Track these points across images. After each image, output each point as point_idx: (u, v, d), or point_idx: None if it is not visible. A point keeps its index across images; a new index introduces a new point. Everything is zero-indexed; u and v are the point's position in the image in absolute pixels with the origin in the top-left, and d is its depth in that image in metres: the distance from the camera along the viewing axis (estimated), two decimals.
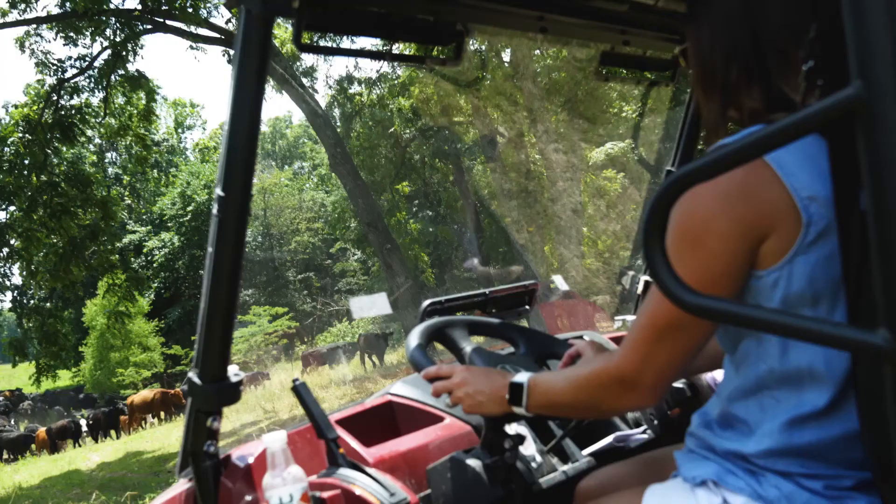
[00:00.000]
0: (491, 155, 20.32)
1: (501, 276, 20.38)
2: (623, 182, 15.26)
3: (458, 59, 1.80)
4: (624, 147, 15.68)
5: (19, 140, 17.61)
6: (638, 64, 2.43)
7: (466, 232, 21.39)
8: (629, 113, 16.46)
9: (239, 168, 1.57)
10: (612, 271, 14.34)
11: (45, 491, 15.27)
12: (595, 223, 15.28)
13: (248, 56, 1.51)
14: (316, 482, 1.73)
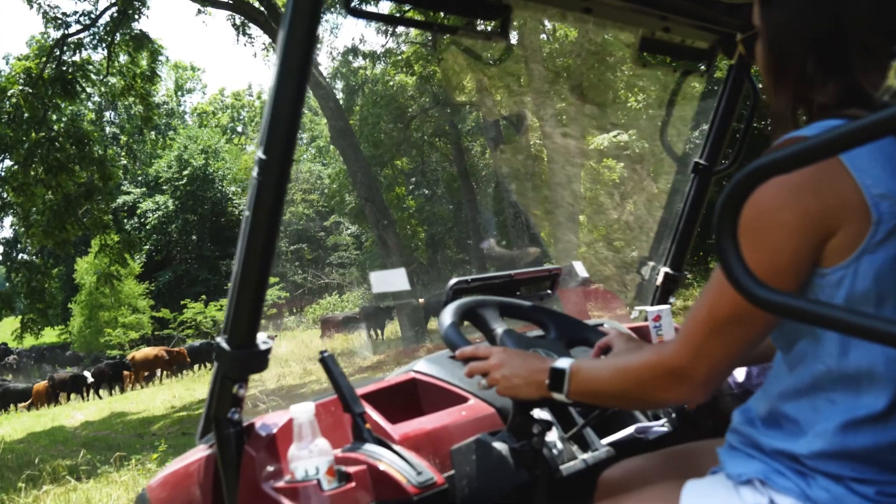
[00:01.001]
0: (498, 137, 20.25)
1: (517, 259, 20.35)
2: (637, 171, 15.23)
3: (503, 34, 1.78)
4: (639, 135, 15.64)
5: (20, 93, 17.47)
6: (675, 52, 2.41)
7: (484, 213, 21.35)
8: (644, 101, 16.43)
9: (282, 131, 1.54)
10: (621, 259, 14.32)
11: (28, 446, 15.25)
12: (607, 212, 15.26)
13: (300, 16, 1.47)
14: (341, 456, 1.70)
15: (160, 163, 53.14)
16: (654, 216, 13.69)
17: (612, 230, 14.74)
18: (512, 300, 2.07)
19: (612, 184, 15.15)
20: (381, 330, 25.94)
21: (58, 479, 8.55)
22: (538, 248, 19.35)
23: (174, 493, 1.91)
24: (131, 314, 43.30)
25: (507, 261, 31.49)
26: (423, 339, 18.37)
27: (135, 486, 7.75)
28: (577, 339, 2.00)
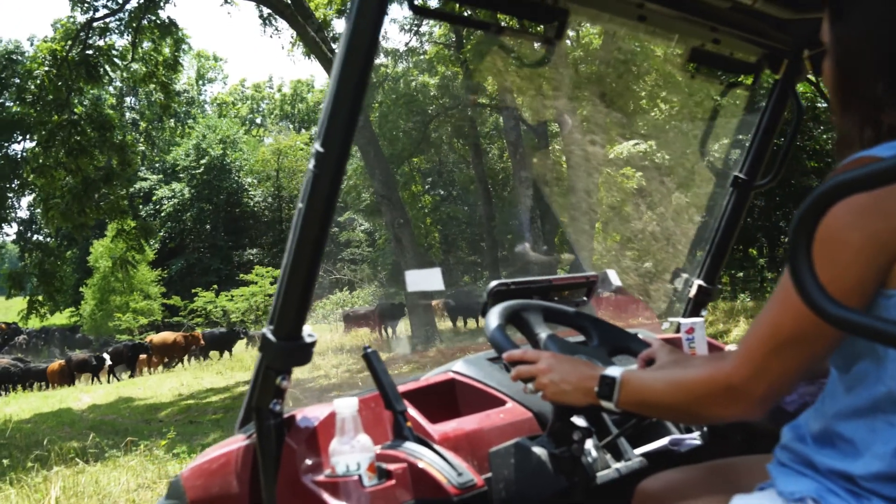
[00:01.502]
0: (518, 141, 20.22)
1: (550, 264, 20.32)
2: (664, 182, 15.18)
3: (558, 37, 1.79)
4: (667, 145, 15.60)
5: (45, 74, 17.56)
6: (723, 64, 2.41)
7: (521, 216, 21.33)
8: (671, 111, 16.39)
9: (341, 126, 1.54)
10: (646, 269, 14.27)
11: (35, 426, 15.31)
12: (633, 221, 15.23)
13: (366, 11, 1.48)
14: (382, 453, 1.70)
15: (178, 150, 53.32)
16: (681, 227, 13.68)
17: (638, 240, 14.71)
18: (556, 305, 2.06)
19: (636, 193, 15.13)
20: (395, 327, 25.83)
21: (65, 460, 8.58)
22: (556, 254, 19.35)
23: (210, 481, 1.91)
24: (143, 300, 43.43)
25: (520, 266, 31.48)
26: (433, 339, 18.38)
27: (143, 472, 7.76)
28: (619, 347, 1.99)
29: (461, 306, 25.23)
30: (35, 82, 17.82)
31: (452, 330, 24.53)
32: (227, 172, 51.60)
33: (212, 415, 13.83)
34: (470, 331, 24.28)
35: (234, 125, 56.77)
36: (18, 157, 18.66)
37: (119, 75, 21.82)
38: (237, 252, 50.07)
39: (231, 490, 1.83)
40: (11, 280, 18.60)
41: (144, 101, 51.49)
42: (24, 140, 19.04)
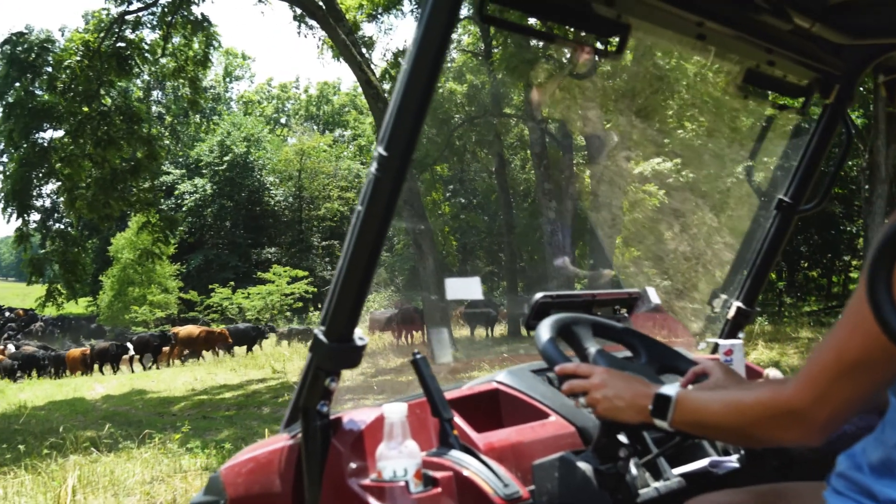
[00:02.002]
0: (543, 153, 20.21)
1: (570, 278, 20.25)
2: (699, 202, 15.12)
3: (619, 52, 1.80)
4: (702, 164, 15.54)
5: (76, 64, 17.69)
6: (775, 86, 2.40)
7: (542, 228, 21.32)
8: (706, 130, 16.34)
9: (406, 130, 1.54)
10: (674, 289, 14.19)
11: (49, 413, 15.41)
12: (665, 241, 15.19)
13: (437, 16, 1.48)
14: (427, 460, 1.69)
15: (202, 146, 53.64)
16: (714, 248, 13.62)
17: (669, 258, 14.67)
18: (605, 320, 2.06)
19: (668, 211, 15.09)
20: (414, 332, 25.67)
21: (80, 449, 8.61)
22: (577, 268, 19.30)
23: (251, 479, 1.91)
24: (160, 293, 43.66)
25: (537, 278, 31.44)
26: (449, 347, 18.36)
27: (156, 464, 7.79)
28: (668, 366, 1.99)
29: (479, 315, 25.15)
30: (66, 72, 17.94)
31: (469, 339, 24.50)
32: (250, 170, 51.84)
33: (225, 411, 13.85)
34: (493, 339, 24.26)
35: (258, 124, 57.05)
36: (46, 146, 18.69)
37: (148, 69, 21.97)
38: (255, 250, 50.27)
39: (273, 489, 1.82)
40: (32, 266, 18.72)
41: (171, 96, 51.90)
42: (53, 129, 19.12)
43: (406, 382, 14.80)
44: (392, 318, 26.04)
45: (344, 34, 18.16)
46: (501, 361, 14.60)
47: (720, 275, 12.89)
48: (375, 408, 1.80)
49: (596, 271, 18.27)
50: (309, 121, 66.79)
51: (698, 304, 12.71)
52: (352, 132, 62.03)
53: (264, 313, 37.70)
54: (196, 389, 18.12)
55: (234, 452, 6.68)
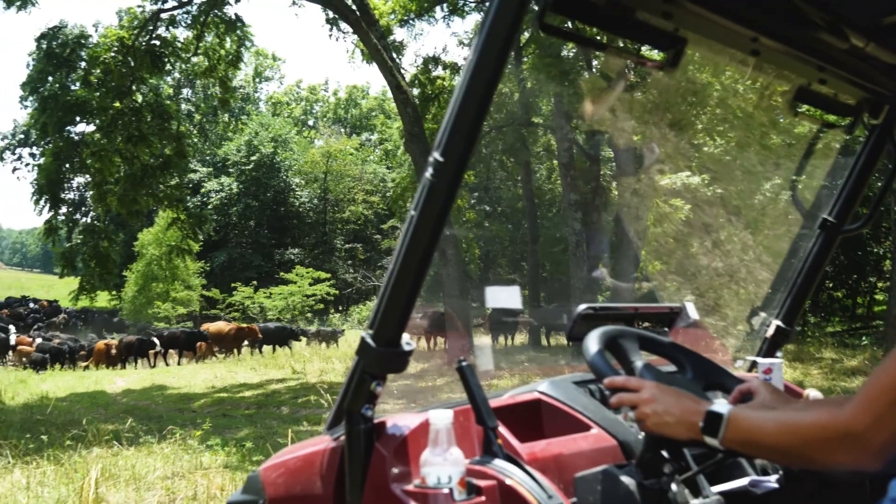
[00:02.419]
0: (570, 163, 20.15)
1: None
2: (733, 218, 15.00)
3: (673, 65, 1.79)
4: (744, 180, 15.44)
5: (111, 60, 17.86)
6: (825, 105, 2.38)
7: (567, 239, 21.27)
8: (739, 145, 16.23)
9: (463, 136, 1.53)
10: (707, 305, 14.05)
11: (71, 405, 15.50)
12: (697, 257, 15.10)
13: (499, 23, 1.47)
14: (471, 468, 1.68)
15: (230, 145, 53.93)
16: (748, 265, 13.52)
17: (700, 274, 14.58)
18: (652, 334, 2.05)
19: (701, 227, 15.00)
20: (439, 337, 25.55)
21: (101, 442, 8.66)
22: (613, 280, 19.20)
23: (292, 479, 1.91)
24: (183, 290, 43.88)
25: (559, 288, 31.35)
26: (469, 349, 18.33)
27: (176, 460, 7.81)
28: (714, 382, 1.97)
29: (500, 323, 25.08)
30: (100, 67, 18.12)
31: (489, 346, 24.45)
32: (276, 171, 52.08)
33: (244, 410, 13.89)
34: (514, 348, 24.21)
35: (286, 125, 57.29)
36: (77, 140, 18.88)
37: (179, 67, 22.16)
38: (279, 250, 50.46)
39: (314, 491, 1.82)
40: (64, 259, 18.90)
41: (200, 95, 52.24)
42: (85, 123, 19.31)
43: (428, 389, 14.81)
44: (427, 320, 25.89)
45: (376, 38, 18.23)
46: (522, 371, 14.56)
47: (753, 292, 12.80)
48: (419, 413, 1.80)
49: (623, 284, 18.18)
50: (336, 123, 67.02)
51: (729, 322, 12.63)
52: (379, 136, 62.18)
53: (285, 313, 37.85)
54: (216, 387, 18.18)
55: (255, 451, 6.70)
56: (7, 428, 10.79)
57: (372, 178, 52.98)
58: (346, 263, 50.18)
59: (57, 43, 19.63)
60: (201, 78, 21.93)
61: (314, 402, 13.81)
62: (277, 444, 7.78)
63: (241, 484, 2.07)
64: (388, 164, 53.75)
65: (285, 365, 21.72)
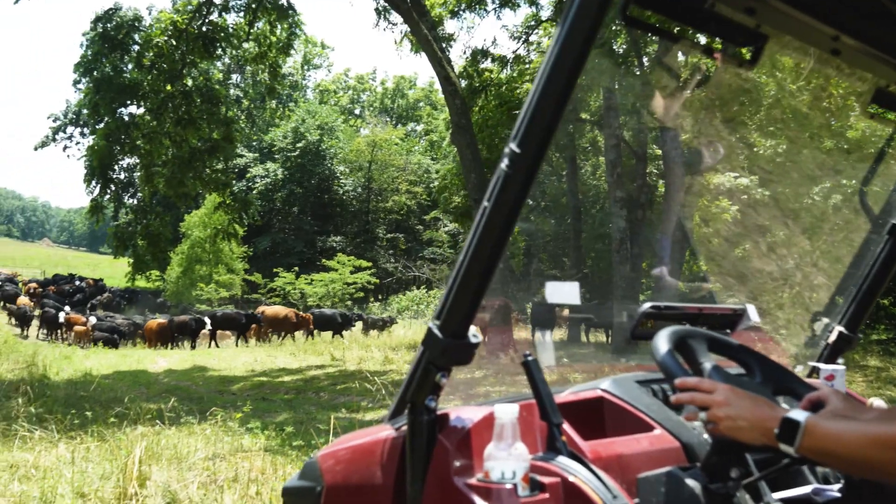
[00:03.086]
0: (617, 161, 19.98)
1: (635, 288, 20.03)
2: (790, 222, 14.76)
3: (753, 63, 1.74)
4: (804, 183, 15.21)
5: (164, 43, 18.05)
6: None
7: (611, 236, 21.12)
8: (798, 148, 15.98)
9: (541, 128, 1.51)
10: (760, 309, 13.80)
11: (113, 383, 15.72)
12: (748, 260, 14.89)
13: (583, 14, 1.45)
14: (535, 464, 1.66)
15: (276, 132, 54.33)
16: (804, 269, 13.32)
17: (755, 277, 14.39)
18: (722, 336, 2.01)
19: (755, 229, 14.79)
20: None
21: (143, 421, 8.75)
22: (675, 279, 19.03)
23: (350, 467, 1.90)
24: (226, 273, 44.31)
25: (600, 285, 31.16)
26: (510, 344, 18.29)
27: (217, 441, 7.88)
28: (783, 387, 1.94)
29: (540, 318, 24.95)
30: (153, 50, 18.33)
31: (528, 341, 24.37)
32: (321, 158, 52.35)
33: (283, 394, 13.98)
34: (554, 343, 24.09)
35: (333, 113, 57.58)
36: (128, 122, 19.12)
37: (230, 53, 22.32)
38: (321, 237, 50.75)
39: (373, 480, 1.81)
40: (117, 239, 19.18)
41: (249, 81, 52.64)
42: (135, 105, 19.55)
43: (466, 381, 14.79)
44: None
45: (426, 29, 18.21)
46: (562, 367, 14.48)
47: (809, 297, 12.59)
48: (483, 406, 1.78)
49: (670, 283, 18.01)
50: (383, 113, 67.24)
51: (784, 326, 12.45)
52: (424, 127, 62.25)
53: (325, 300, 38.06)
54: (255, 371, 18.34)
55: (295, 436, 6.72)
56: (52, 403, 10.96)
57: (416, 169, 53.07)
58: (387, 253, 50.33)
59: (111, 25, 19.84)
60: (251, 64, 22.08)
61: (353, 389, 13.87)
62: (318, 430, 7.82)
63: (286, 469, 2.07)
64: (433, 155, 53.80)
65: (324, 352, 21.84)
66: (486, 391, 12.33)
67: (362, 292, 40.78)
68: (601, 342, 24.72)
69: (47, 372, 15.89)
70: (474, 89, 25.59)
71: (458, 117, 18.26)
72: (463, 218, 28.40)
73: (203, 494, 5.72)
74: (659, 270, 18.56)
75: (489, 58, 26.50)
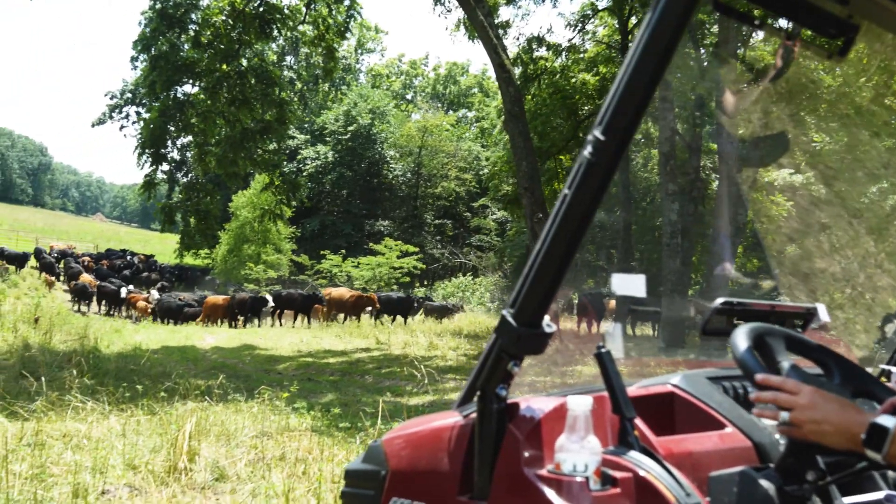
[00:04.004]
0: (671, 154, 19.73)
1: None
2: (851, 222, 14.50)
3: (842, 54, 1.68)
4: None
5: (221, 23, 18.19)
6: None
7: (662, 229, 20.91)
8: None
9: (628, 116, 1.47)
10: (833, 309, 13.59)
11: (163, 358, 15.95)
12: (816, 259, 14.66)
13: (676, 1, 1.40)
14: (606, 459, 1.63)
15: (328, 114, 54.58)
16: (866, 270, 13.09)
17: (815, 276, 14.16)
18: (800, 335, 1.96)
19: (817, 227, 14.56)
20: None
21: (191, 396, 8.84)
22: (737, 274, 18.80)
23: (417, 452, 1.89)
24: (274, 253, 44.69)
25: (650, 279, 30.83)
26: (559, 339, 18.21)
27: (263, 419, 7.94)
28: (862, 390, 1.88)
29: (586, 309, 24.83)
30: (211, 29, 18.47)
31: (575, 333, 24.26)
32: (372, 142, 52.50)
33: (329, 376, 14.08)
34: (598, 336, 23.96)
35: (385, 97, 57.70)
36: (184, 100, 19.32)
37: (285, 34, 22.43)
38: (369, 221, 50.96)
39: (440, 467, 1.79)
40: (164, 214, 19.42)
41: (303, 63, 52.95)
42: (190, 84, 19.75)
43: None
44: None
45: (482, 15, 18.10)
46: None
47: (872, 298, 12.37)
48: (554, 397, 1.75)
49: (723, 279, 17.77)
50: (434, 99, 67.24)
51: (848, 327, 12.24)
52: (476, 114, 62.14)
53: (371, 284, 38.23)
54: (301, 351, 18.49)
55: (342, 417, 6.75)
56: (103, 375, 11.13)
57: (466, 156, 53.00)
58: (434, 239, 50.38)
59: (170, 3, 20.03)
60: (308, 47, 22.18)
61: (397, 373, 13.92)
62: (364, 413, 7.84)
63: (333, 450, 2.05)
64: (483, 143, 53.69)
65: (370, 335, 21.96)
66: (531, 381, 12.29)
67: (408, 277, 40.90)
68: (647, 335, 24.54)
69: (98, 345, 16.17)
70: (528, 77, 25.48)
71: (512, 105, 18.13)
72: (512, 206, 28.28)
73: (251, 472, 5.76)
74: (721, 268, 18.32)
75: (544, 46, 26.35)
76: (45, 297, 31.66)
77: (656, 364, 6.01)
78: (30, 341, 14.93)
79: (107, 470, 5.45)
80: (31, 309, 22.70)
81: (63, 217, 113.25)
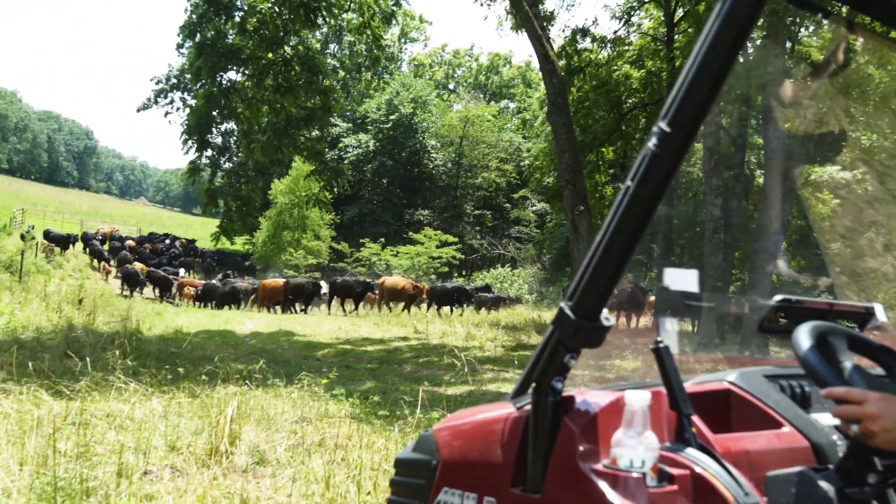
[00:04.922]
0: (715, 148, 19.50)
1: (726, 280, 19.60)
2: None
3: None
4: None
5: (267, 10, 18.27)
6: None
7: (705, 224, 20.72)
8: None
9: (694, 108, 1.43)
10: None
11: (203, 341, 16.09)
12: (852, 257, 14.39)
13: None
14: (663, 455, 1.60)
15: (370, 103, 54.73)
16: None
17: (863, 276, 13.90)
18: (862, 335, 1.92)
19: (867, 224, 14.28)
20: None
21: (232, 380, 8.91)
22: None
23: (468, 443, 1.87)
24: (313, 240, 44.94)
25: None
26: None
27: (302, 405, 7.97)
28: None
29: (624, 303, 24.65)
30: (256, 17, 18.56)
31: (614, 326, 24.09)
32: (413, 132, 52.57)
33: (367, 364, 14.10)
34: (635, 331, 23.84)
35: (427, 87, 57.71)
36: (229, 87, 19.46)
37: (329, 22, 22.47)
38: (409, 210, 51.07)
39: (493, 458, 1.77)
40: (208, 196, 19.60)
41: (346, 51, 53.07)
42: (236, 71, 19.88)
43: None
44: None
45: (528, 6, 18.00)
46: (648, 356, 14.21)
47: None
48: (610, 391, 1.72)
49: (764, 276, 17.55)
50: (476, 89, 67.10)
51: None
52: (517, 105, 61.93)
53: (410, 273, 38.33)
54: (340, 339, 18.56)
55: (380, 405, 6.75)
56: (145, 357, 11.25)
57: (507, 147, 52.88)
58: (473, 229, 50.38)
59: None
60: (354, 35, 22.21)
61: (435, 363, 13.91)
62: (403, 401, 7.85)
63: (372, 438, 2.04)
64: (525, 134, 53.53)
65: (408, 324, 22.00)
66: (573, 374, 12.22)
67: (447, 267, 40.93)
68: (686, 331, 24.33)
69: (140, 327, 16.34)
70: (572, 69, 25.29)
71: (555, 96, 18.02)
72: (553, 199, 28.15)
73: (290, 457, 5.79)
74: (773, 265, 18.08)
75: (588, 37, 26.15)
76: (88, 278, 32.15)
77: (708, 360, 5.90)
78: (74, 322, 15.15)
79: (149, 451, 5.51)
80: (75, 290, 23.07)
81: (107, 200, 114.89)
